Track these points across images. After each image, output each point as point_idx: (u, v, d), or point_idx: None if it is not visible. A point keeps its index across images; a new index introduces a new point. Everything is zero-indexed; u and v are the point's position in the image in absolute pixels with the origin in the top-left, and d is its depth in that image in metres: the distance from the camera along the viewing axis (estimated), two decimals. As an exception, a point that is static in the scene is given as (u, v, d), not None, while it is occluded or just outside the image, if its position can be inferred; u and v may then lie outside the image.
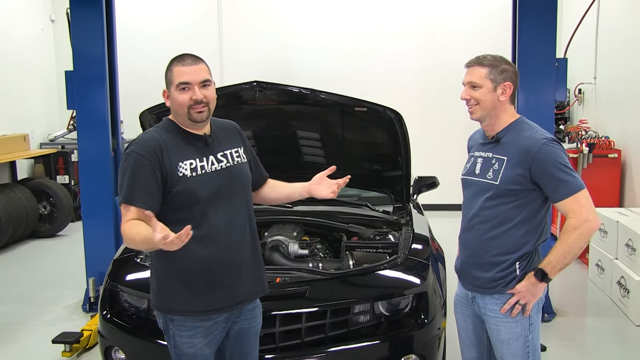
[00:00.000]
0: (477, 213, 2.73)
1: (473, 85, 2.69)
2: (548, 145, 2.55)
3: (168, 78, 2.59)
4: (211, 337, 2.61)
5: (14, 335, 4.98)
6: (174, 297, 2.59)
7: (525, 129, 2.68)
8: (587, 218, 2.51)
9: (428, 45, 9.69)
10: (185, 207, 2.51)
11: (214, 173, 2.57)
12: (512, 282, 2.66)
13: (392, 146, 4.35)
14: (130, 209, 2.43)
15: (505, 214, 2.64)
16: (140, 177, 2.46)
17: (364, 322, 3.28)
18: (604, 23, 7.83)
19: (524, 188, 2.60)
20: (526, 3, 4.96)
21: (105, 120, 5.31)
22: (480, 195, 2.72)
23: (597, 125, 7.79)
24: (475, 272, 2.76)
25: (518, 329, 2.70)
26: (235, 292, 2.62)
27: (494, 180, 2.65)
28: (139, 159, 2.48)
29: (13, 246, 7.99)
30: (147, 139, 2.55)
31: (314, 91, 4.07)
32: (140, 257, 3.70)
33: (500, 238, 2.66)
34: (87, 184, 5.40)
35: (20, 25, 9.51)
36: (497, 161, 2.68)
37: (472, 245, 2.77)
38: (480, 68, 2.68)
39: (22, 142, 8.93)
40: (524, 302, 2.64)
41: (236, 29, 10.01)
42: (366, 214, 4.62)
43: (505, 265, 2.66)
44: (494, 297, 2.71)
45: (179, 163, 2.51)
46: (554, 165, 2.53)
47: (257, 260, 2.75)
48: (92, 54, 5.22)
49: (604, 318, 5.32)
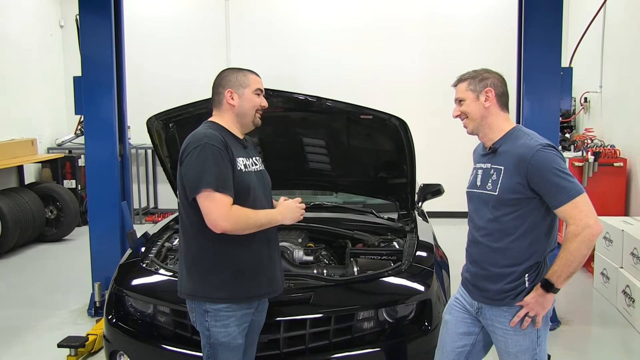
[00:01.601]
0: (481, 225, 2.73)
1: (459, 101, 2.77)
2: (542, 151, 2.53)
3: (241, 81, 2.85)
4: (243, 326, 2.79)
5: (20, 339, 5.00)
6: (223, 285, 2.73)
7: (520, 137, 2.66)
8: (587, 224, 2.46)
9: (434, 52, 9.71)
10: (240, 197, 2.70)
11: (255, 173, 2.85)
12: (521, 294, 2.63)
13: (397, 154, 4.37)
14: (217, 195, 2.59)
15: (509, 224, 2.62)
16: (220, 166, 2.65)
17: (368, 329, 3.30)
18: (610, 32, 7.83)
19: (523, 197, 2.57)
20: (532, 11, 4.98)
21: (112, 125, 5.34)
22: (482, 207, 2.72)
23: (603, 133, 7.79)
24: (484, 284, 2.73)
25: (526, 342, 2.67)
26: (273, 282, 2.87)
27: (493, 191, 2.65)
28: (215, 149, 2.65)
29: (20, 250, 8.03)
30: (211, 134, 2.72)
31: (319, 99, 4.09)
32: (146, 262, 3.73)
33: (507, 249, 2.63)
34: (94, 188, 5.42)
35: (30, 31, 9.57)
36: (495, 171, 2.67)
37: (479, 257, 2.75)
38: (461, 83, 2.77)
39: (30, 147, 8.98)
40: (534, 314, 2.61)
41: (243, 37, 10.05)
42: (371, 221, 4.63)
43: (513, 277, 2.63)
44: (502, 309, 2.69)
45: (237, 158, 2.75)
46: (550, 170, 2.49)
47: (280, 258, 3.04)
48: (101, 59, 5.26)
49: (609, 327, 5.31)
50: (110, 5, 5.25)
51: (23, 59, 9.34)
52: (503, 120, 2.73)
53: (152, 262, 3.73)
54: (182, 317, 3.24)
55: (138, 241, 4.30)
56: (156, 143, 4.43)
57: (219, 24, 10.10)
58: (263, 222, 2.71)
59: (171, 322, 3.33)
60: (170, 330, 3.33)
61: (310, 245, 4.13)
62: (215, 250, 2.73)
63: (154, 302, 3.41)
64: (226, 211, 2.59)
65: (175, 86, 9.62)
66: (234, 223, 2.61)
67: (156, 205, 10.66)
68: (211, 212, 2.59)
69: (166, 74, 10.09)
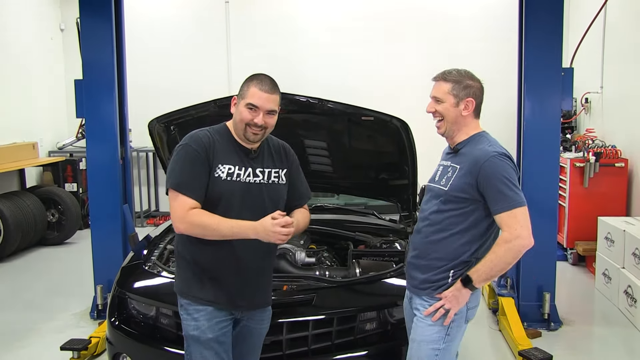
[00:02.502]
0: (426, 216, 2.81)
1: (437, 100, 2.80)
2: (496, 158, 2.61)
3: (243, 91, 2.76)
4: (214, 322, 2.73)
5: (22, 342, 5.00)
6: (185, 283, 2.79)
7: (480, 142, 2.73)
8: (520, 234, 2.54)
9: (436, 53, 9.69)
10: (208, 204, 2.66)
11: (247, 184, 2.73)
12: (442, 288, 2.71)
13: (398, 155, 4.37)
14: (179, 197, 2.62)
15: (450, 220, 2.70)
16: (192, 167, 2.64)
17: (370, 330, 3.30)
18: (610, 32, 7.83)
19: (469, 197, 2.66)
20: (532, 12, 4.98)
21: (113, 128, 5.34)
22: (432, 199, 2.81)
23: (604, 134, 7.78)
24: (414, 273, 2.83)
25: (432, 335, 2.71)
26: (234, 298, 2.76)
27: (444, 187, 2.74)
28: (190, 150, 2.66)
29: (21, 253, 8.02)
30: (199, 134, 2.73)
31: (321, 100, 4.10)
32: (148, 265, 3.73)
33: (441, 243, 2.72)
34: (95, 191, 5.42)
35: (30, 34, 9.58)
36: (451, 169, 2.77)
37: (417, 246, 2.84)
38: (444, 83, 2.79)
39: (31, 150, 8.99)
40: (448, 307, 2.67)
41: (244, 39, 10.06)
42: (373, 222, 4.64)
43: (440, 270, 2.72)
44: (422, 298, 2.78)
45: (219, 165, 2.68)
46: (498, 178, 2.58)
47: (264, 279, 2.88)
48: (101, 63, 5.26)
49: (610, 327, 5.31)
50: (111, 8, 5.25)
51: (24, 62, 9.35)
52: (473, 127, 2.80)
53: (154, 264, 3.73)
54: (185, 320, 3.24)
55: (140, 244, 4.31)
56: (158, 146, 4.44)
57: (220, 26, 10.10)
58: (225, 232, 2.60)
59: (174, 325, 3.33)
60: (172, 333, 3.33)
61: (313, 247, 4.14)
62: (187, 249, 2.77)
63: (157, 304, 3.41)
64: (182, 213, 2.61)
65: (177, 89, 9.62)
66: (188, 226, 2.62)
67: (157, 208, 10.66)
68: (171, 212, 2.67)
69: (167, 76, 10.09)
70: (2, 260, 7.64)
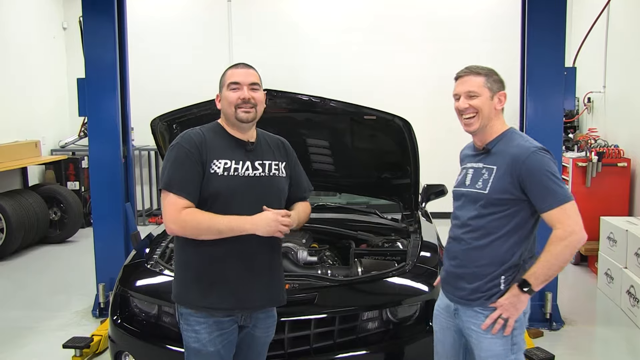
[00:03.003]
0: (465, 222, 2.67)
1: (470, 95, 2.63)
2: (537, 153, 2.51)
3: (222, 81, 2.74)
4: (215, 334, 2.63)
5: (25, 340, 5.01)
6: (184, 290, 2.68)
7: (515, 139, 2.64)
8: (574, 230, 2.44)
9: (438, 52, 9.71)
10: (206, 201, 2.59)
11: (246, 178, 2.64)
12: (495, 296, 2.58)
13: (401, 154, 4.37)
14: (170, 196, 2.54)
15: (494, 224, 2.58)
16: (183, 167, 2.58)
17: (372, 329, 3.30)
18: (613, 32, 7.82)
19: (513, 197, 2.55)
20: (535, 12, 4.97)
21: (116, 127, 5.35)
22: (469, 205, 2.67)
23: (607, 133, 7.78)
24: (459, 283, 2.68)
25: (499, 348, 2.58)
26: (242, 297, 2.64)
27: (483, 190, 2.60)
28: (182, 149, 2.60)
29: (24, 252, 8.04)
30: (190, 134, 2.68)
31: (323, 99, 4.10)
32: (150, 263, 3.74)
33: (487, 248, 2.59)
34: (97, 190, 5.42)
35: (33, 33, 9.59)
36: (486, 170, 2.63)
37: (458, 255, 2.70)
38: (476, 77, 2.64)
39: (34, 149, 9.00)
40: (507, 316, 2.55)
41: (246, 38, 10.06)
42: (375, 221, 4.64)
43: (490, 277, 2.59)
44: (475, 310, 2.63)
45: (214, 160, 2.61)
46: (543, 173, 2.48)
47: (274, 273, 2.76)
48: (104, 61, 5.26)
49: (613, 327, 5.30)
50: (114, 6, 5.26)
51: (26, 61, 9.36)
52: (501, 123, 2.70)
53: (156, 263, 3.73)
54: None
55: (142, 242, 4.31)
56: (160, 144, 4.44)
57: (222, 26, 10.11)
58: (222, 228, 2.51)
59: (176, 323, 3.32)
60: (175, 331, 3.32)
61: (315, 246, 4.14)
62: (183, 252, 2.68)
63: (159, 302, 3.41)
64: (175, 213, 2.52)
65: (179, 87, 9.62)
66: (181, 227, 2.53)
67: (159, 206, 10.65)
68: (163, 213, 2.59)
69: (169, 75, 10.10)
70: (4, 259, 7.65)
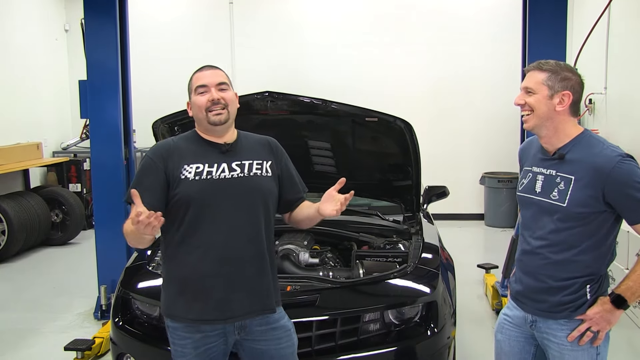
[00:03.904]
0: (542, 236, 2.50)
1: (528, 91, 2.48)
2: (624, 163, 2.33)
3: (189, 87, 2.68)
4: (201, 350, 2.56)
5: (26, 342, 5.01)
6: (170, 302, 2.62)
7: (593, 145, 2.43)
8: None
9: (439, 55, 9.72)
10: (180, 209, 2.51)
11: (221, 180, 2.54)
12: (582, 307, 2.44)
13: (402, 156, 4.37)
14: (132, 207, 2.40)
15: (574, 237, 2.42)
16: (144, 178, 2.54)
17: (374, 331, 3.29)
18: (614, 33, 7.82)
19: (595, 210, 2.38)
20: (536, 14, 4.98)
21: (117, 129, 5.36)
22: (544, 216, 2.50)
23: (608, 135, 7.76)
24: (540, 296, 2.53)
25: (584, 359, 2.49)
26: (226, 307, 2.53)
27: (560, 202, 2.42)
28: (147, 161, 2.57)
29: (25, 254, 8.05)
30: (160, 144, 2.69)
31: (325, 101, 4.11)
32: (152, 265, 3.74)
33: (569, 262, 2.44)
34: (99, 192, 5.44)
35: (35, 35, 9.61)
36: (562, 180, 2.44)
37: (536, 269, 2.54)
38: (539, 73, 2.46)
39: (35, 151, 9.01)
40: (596, 329, 2.43)
41: (247, 40, 10.07)
42: (376, 223, 4.64)
43: (574, 288, 2.45)
44: (559, 322, 2.49)
45: (184, 166, 2.54)
46: (632, 185, 2.31)
47: (263, 278, 2.61)
48: (106, 63, 5.28)
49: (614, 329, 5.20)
50: (116, 9, 5.26)
51: (28, 63, 9.38)
52: (571, 125, 2.48)
53: (158, 265, 3.74)
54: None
55: (144, 244, 4.31)
56: (161, 146, 4.44)
57: (224, 28, 10.12)
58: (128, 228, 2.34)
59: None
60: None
61: (316, 248, 4.14)
62: (166, 263, 2.63)
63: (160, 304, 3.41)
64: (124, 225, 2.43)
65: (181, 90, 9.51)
66: (125, 236, 2.44)
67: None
68: None
69: (171, 77, 10.07)
70: (6, 260, 7.66)
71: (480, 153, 9.57)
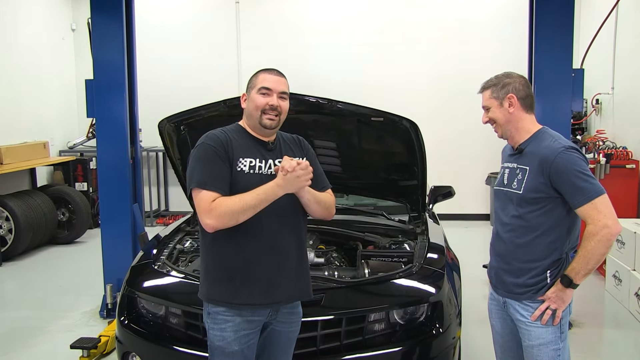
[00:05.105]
0: (506, 222, 2.84)
1: (486, 109, 2.90)
2: (565, 153, 2.63)
3: (252, 82, 2.78)
4: (241, 334, 2.67)
5: (32, 341, 5.03)
6: (214, 287, 2.70)
7: (545, 139, 2.76)
8: (606, 224, 2.55)
9: (444, 55, 9.71)
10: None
11: (270, 176, 2.68)
12: (543, 290, 2.74)
13: (408, 156, 4.37)
14: (202, 192, 2.55)
15: (533, 221, 2.73)
16: (211, 164, 2.61)
17: (379, 331, 3.29)
18: (622, 33, 7.80)
19: (546, 196, 2.68)
20: (543, 13, 4.97)
21: (124, 128, 5.37)
22: (508, 204, 2.83)
23: (615, 135, 7.75)
24: (507, 278, 2.84)
25: (549, 336, 2.77)
26: (273, 292, 2.69)
27: (518, 190, 2.76)
28: (209, 148, 2.64)
29: (32, 252, 8.09)
30: (215, 133, 2.72)
31: (330, 101, 4.10)
32: (158, 264, 3.75)
33: (530, 245, 2.75)
34: (105, 191, 5.45)
35: (42, 34, 9.65)
36: (520, 171, 2.79)
37: (504, 252, 2.86)
38: (485, 91, 2.89)
39: (42, 150, 9.06)
40: (555, 308, 2.71)
41: (254, 40, 10.09)
42: (382, 223, 4.63)
43: (536, 272, 2.74)
44: (523, 302, 2.80)
45: (240, 159, 2.67)
46: (571, 172, 2.60)
47: (302, 267, 2.80)
48: (112, 62, 5.29)
49: (621, 329, 5.28)
50: (122, 8, 5.28)
51: (35, 62, 9.42)
52: (529, 122, 2.85)
53: (163, 264, 3.74)
54: (194, 319, 3.25)
55: (149, 243, 4.32)
56: (168, 145, 4.45)
57: (230, 27, 10.14)
58: (253, 203, 2.53)
59: (183, 324, 3.34)
60: (182, 332, 3.34)
61: (322, 248, 4.14)
62: (212, 251, 2.70)
63: (166, 303, 3.42)
64: (207, 207, 2.52)
65: (187, 89, 9.66)
66: (218, 217, 2.51)
67: (167, 207, 10.70)
68: (197, 211, 2.59)
69: (177, 76, 10.14)
70: (13, 259, 7.70)
71: (486, 153, 9.54)
